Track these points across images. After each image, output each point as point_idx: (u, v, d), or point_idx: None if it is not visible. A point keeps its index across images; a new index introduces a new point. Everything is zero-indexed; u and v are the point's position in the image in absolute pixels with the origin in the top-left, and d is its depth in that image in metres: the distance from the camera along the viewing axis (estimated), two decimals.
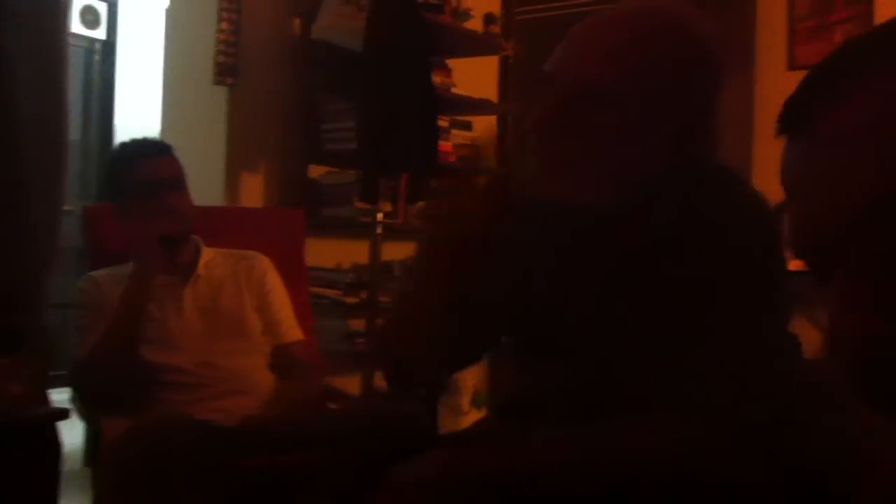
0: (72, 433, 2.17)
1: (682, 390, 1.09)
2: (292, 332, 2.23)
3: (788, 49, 4.42)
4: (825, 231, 0.54)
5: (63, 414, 2.03)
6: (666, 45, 1.16)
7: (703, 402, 1.08)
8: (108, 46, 5.07)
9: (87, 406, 2.06)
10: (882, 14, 4.20)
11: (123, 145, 2.20)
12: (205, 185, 2.22)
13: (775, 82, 4.42)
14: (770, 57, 4.44)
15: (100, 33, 5.06)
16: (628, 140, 1.16)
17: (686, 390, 1.09)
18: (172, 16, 3.29)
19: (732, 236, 1.14)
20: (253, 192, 3.15)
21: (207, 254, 2.21)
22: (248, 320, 2.17)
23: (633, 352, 1.16)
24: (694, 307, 1.11)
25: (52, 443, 1.98)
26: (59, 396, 2.18)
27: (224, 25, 2.99)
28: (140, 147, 2.17)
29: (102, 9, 5.06)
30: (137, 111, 4.78)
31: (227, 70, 3.01)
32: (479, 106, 3.57)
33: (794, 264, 1.27)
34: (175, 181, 2.12)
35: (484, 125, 3.74)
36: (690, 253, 1.14)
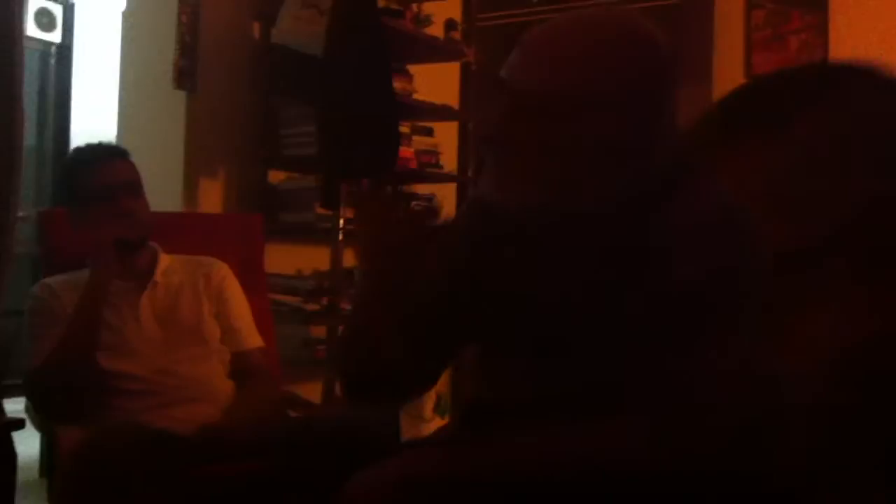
0: (27, 443, 2.13)
1: (657, 393, 1.10)
2: (251, 339, 2.21)
3: (746, 58, 4.48)
4: (813, 235, 0.54)
5: (18, 424, 1.99)
6: (615, 52, 1.17)
7: (681, 404, 1.08)
8: (64, 49, 5.00)
9: (43, 415, 2.03)
10: (837, 23, 4.27)
11: (79, 149, 2.17)
12: (163, 190, 2.20)
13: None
14: (727, 66, 4.50)
15: (55, 36, 4.99)
16: (579, 146, 1.17)
17: (661, 393, 1.10)
18: (129, 19, 3.25)
19: (716, 237, 1.14)
20: (211, 197, 3.12)
21: (165, 260, 2.18)
22: (206, 327, 2.14)
23: (606, 355, 1.16)
24: (669, 311, 1.12)
25: (7, 453, 1.94)
26: (14, 406, 2.14)
27: (183, 29, 2.96)
28: (96, 151, 2.14)
29: (58, 11, 4.99)
30: (94, 115, 4.71)
31: (185, 74, 2.98)
32: (441, 112, 3.57)
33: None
34: (131, 186, 2.09)
35: (445, 131, 3.75)
36: (665, 256, 1.14)
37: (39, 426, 2.07)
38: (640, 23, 1.21)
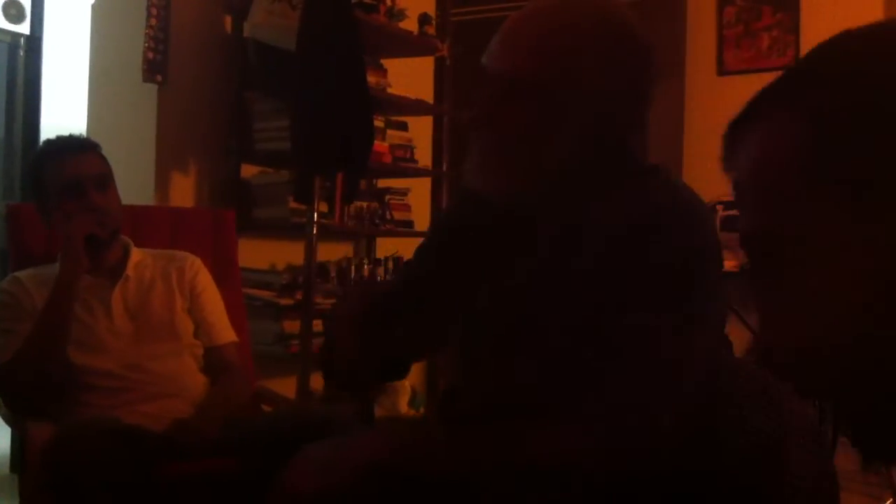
0: None
1: (597, 391, 1.09)
2: (224, 333, 2.20)
3: (717, 55, 4.51)
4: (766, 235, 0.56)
5: None
6: (585, 34, 1.18)
7: (618, 403, 1.08)
8: (34, 41, 4.94)
9: (12, 410, 2.01)
10: (807, 20, 4.31)
11: (48, 142, 2.14)
12: (134, 183, 2.18)
13: (705, 87, 4.51)
14: (700, 62, 4.53)
15: (24, 28, 4.93)
16: (550, 129, 1.17)
17: (601, 390, 1.09)
18: (100, 11, 3.22)
19: (662, 231, 1.14)
20: (183, 191, 3.10)
21: (137, 255, 2.17)
22: (179, 322, 2.13)
23: (553, 349, 1.16)
24: (615, 303, 1.12)
25: None
26: None
27: (153, 21, 2.94)
28: (65, 144, 2.11)
29: (27, 3, 4.93)
30: (64, 108, 4.66)
31: (156, 67, 2.95)
32: (415, 106, 3.57)
33: (726, 265, 1.29)
34: (101, 179, 2.07)
35: (419, 125, 3.75)
36: (613, 245, 1.14)
37: (10, 421, 2.05)
38: (619, 12, 1.21)
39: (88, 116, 3.22)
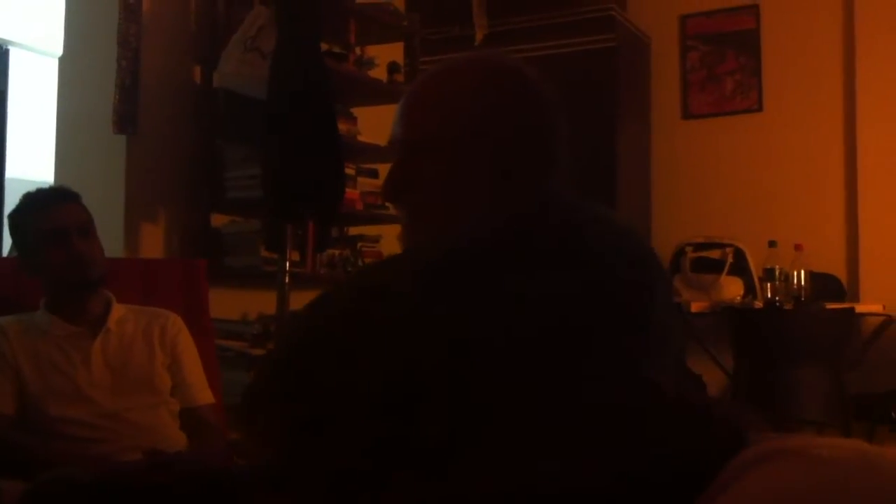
0: None
1: (560, 437, 1.09)
2: (202, 395, 2.20)
3: (682, 99, 4.58)
4: None
5: None
6: (472, 88, 1.20)
7: (583, 448, 1.08)
8: None
9: None
10: (769, 63, 4.40)
11: (29, 194, 2.15)
12: (103, 235, 2.16)
13: (671, 131, 4.58)
14: (665, 107, 4.60)
15: None
16: (459, 184, 1.19)
17: (565, 437, 1.09)
18: (66, 64, 3.22)
19: (605, 271, 1.14)
20: (153, 242, 3.08)
21: (119, 310, 2.17)
22: (158, 378, 2.13)
23: (510, 397, 1.15)
24: (569, 348, 1.11)
25: None
26: None
27: (122, 73, 2.94)
28: (48, 195, 2.13)
29: None
30: (29, 162, 4.63)
31: (126, 118, 2.95)
32: (385, 153, 3.58)
33: (696, 306, 1.29)
34: (84, 227, 2.09)
35: None
36: (555, 289, 1.14)
37: None
38: (503, 62, 1.24)
39: (55, 169, 3.20)
